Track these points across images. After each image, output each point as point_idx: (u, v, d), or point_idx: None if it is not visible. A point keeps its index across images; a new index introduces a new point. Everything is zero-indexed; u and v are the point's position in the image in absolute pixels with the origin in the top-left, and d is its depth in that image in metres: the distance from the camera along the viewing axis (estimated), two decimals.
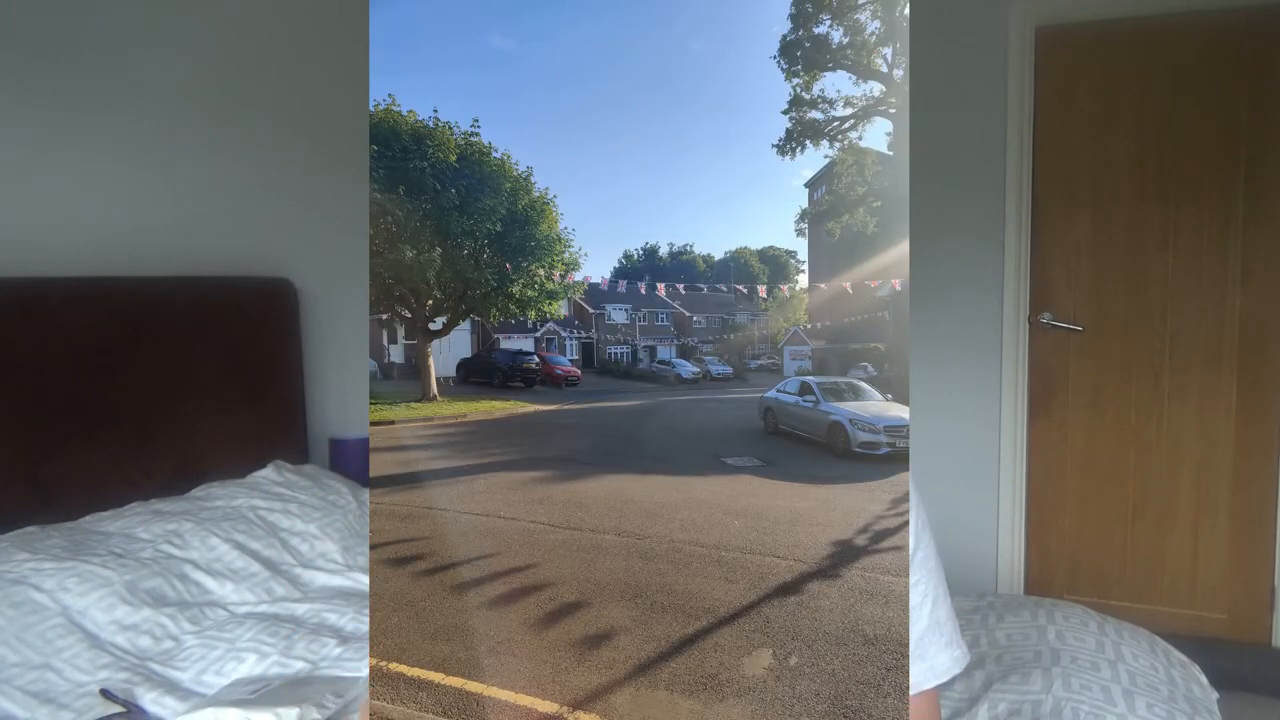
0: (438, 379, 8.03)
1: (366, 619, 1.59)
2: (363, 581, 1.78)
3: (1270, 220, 2.40)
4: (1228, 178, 2.43)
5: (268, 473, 2.01)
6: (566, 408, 7.87)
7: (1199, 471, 2.52)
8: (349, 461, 2.45)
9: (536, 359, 9.72)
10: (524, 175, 8.01)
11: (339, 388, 2.56)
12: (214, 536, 1.69)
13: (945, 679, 0.73)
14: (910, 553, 0.73)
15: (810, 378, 6.38)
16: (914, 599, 0.73)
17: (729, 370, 11.10)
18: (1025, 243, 2.60)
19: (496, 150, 7.82)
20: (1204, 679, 1.35)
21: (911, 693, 0.72)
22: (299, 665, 1.39)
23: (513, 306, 8.21)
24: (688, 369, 10.76)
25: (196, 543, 1.66)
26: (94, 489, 1.80)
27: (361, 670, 1.38)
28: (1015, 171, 2.59)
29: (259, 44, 2.33)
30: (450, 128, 7.37)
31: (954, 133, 2.65)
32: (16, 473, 1.73)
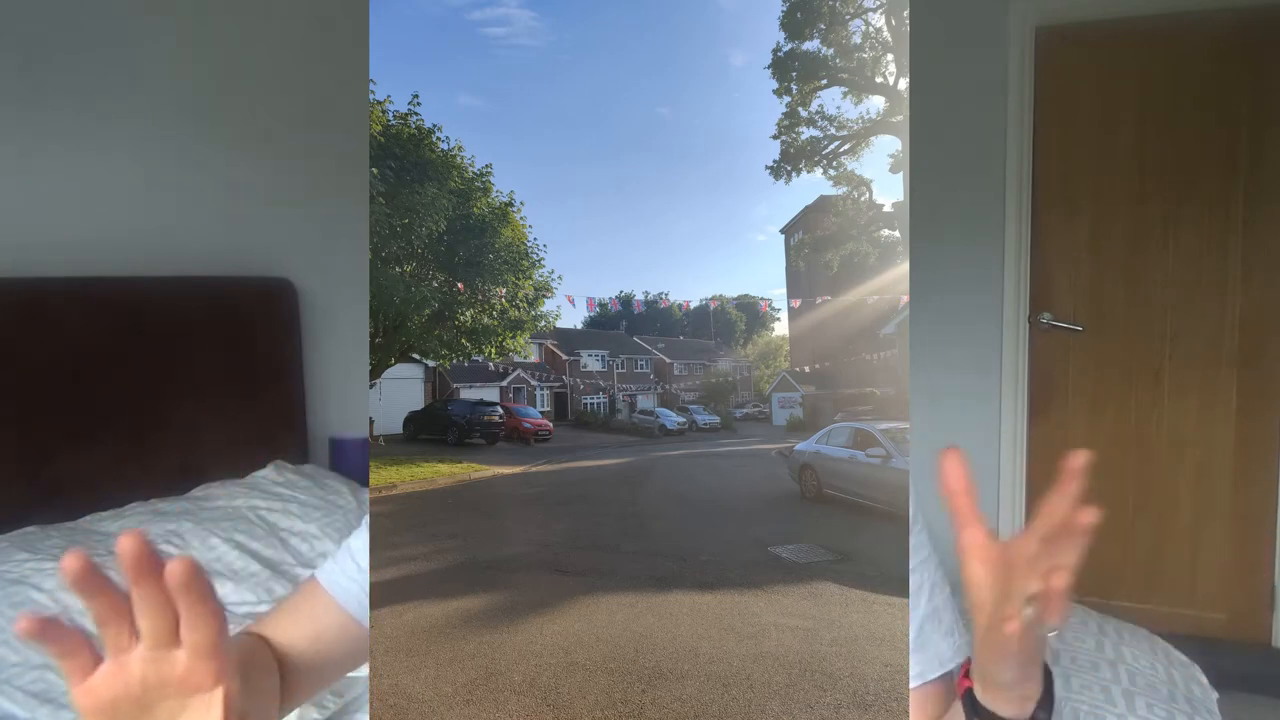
0: (372, 437, 6.08)
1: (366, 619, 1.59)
2: None
3: (1270, 220, 2.40)
4: (1228, 178, 2.43)
5: (268, 473, 2.01)
6: (535, 470, 6.08)
7: (1199, 471, 2.51)
8: (349, 461, 2.45)
9: (501, 410, 8.03)
10: (480, 173, 6.06)
11: (339, 388, 2.56)
12: (214, 536, 1.69)
13: (950, 667, 0.70)
14: (911, 542, 0.72)
15: (869, 424, 4.38)
16: (912, 586, 0.72)
17: (716, 420, 10.05)
18: (1025, 243, 2.60)
19: (443, 138, 5.77)
20: (1204, 679, 1.35)
21: (915, 684, 0.70)
22: None
23: (463, 341, 6.22)
24: (673, 419, 9.60)
25: (196, 543, 1.66)
26: (94, 489, 1.80)
27: (361, 670, 1.38)
28: (1015, 171, 2.58)
29: (258, 44, 2.33)
30: (375, 104, 5.52)
31: (954, 132, 2.65)
32: (16, 473, 1.73)
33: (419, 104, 5.94)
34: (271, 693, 0.67)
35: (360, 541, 0.75)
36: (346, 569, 0.74)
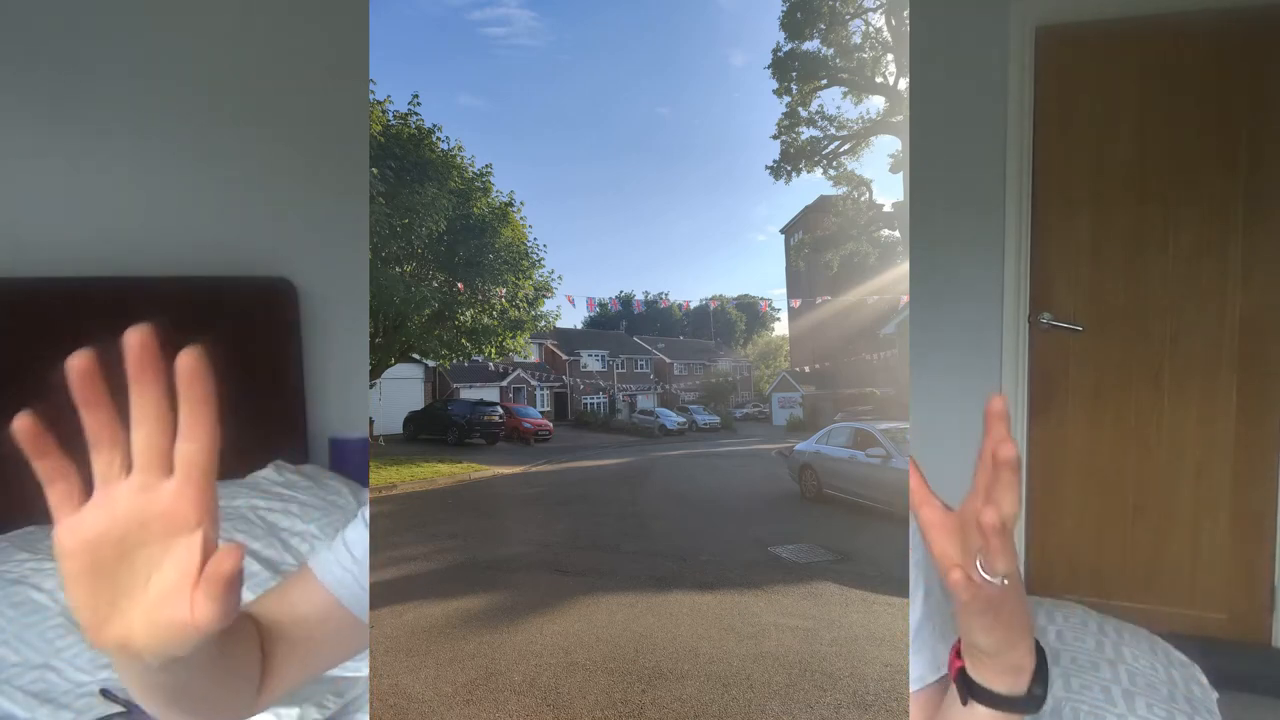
0: (372, 437, 6.16)
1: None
2: None
3: (1270, 220, 2.40)
4: (1228, 178, 2.43)
5: (268, 473, 2.01)
6: (535, 470, 6.11)
7: (1199, 471, 2.51)
8: (349, 461, 2.45)
9: (501, 410, 8.07)
10: (480, 173, 6.06)
11: (339, 388, 2.56)
12: None
13: (944, 671, 0.70)
14: (911, 541, 0.73)
15: (869, 424, 4.37)
16: (911, 586, 0.73)
17: (716, 419, 10.12)
18: (1025, 243, 2.60)
19: (443, 138, 5.79)
20: (1204, 679, 1.35)
21: (915, 688, 0.71)
22: None
23: (463, 341, 6.22)
24: (673, 419, 9.65)
25: None
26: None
27: (361, 670, 1.38)
28: (1015, 171, 2.58)
29: (259, 44, 2.33)
30: (375, 104, 5.54)
31: (954, 133, 2.64)
32: (17, 473, 1.73)
33: (419, 104, 6.05)
34: (248, 662, 0.66)
35: (356, 533, 0.75)
36: (340, 558, 0.74)
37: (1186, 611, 2.53)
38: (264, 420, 2.23)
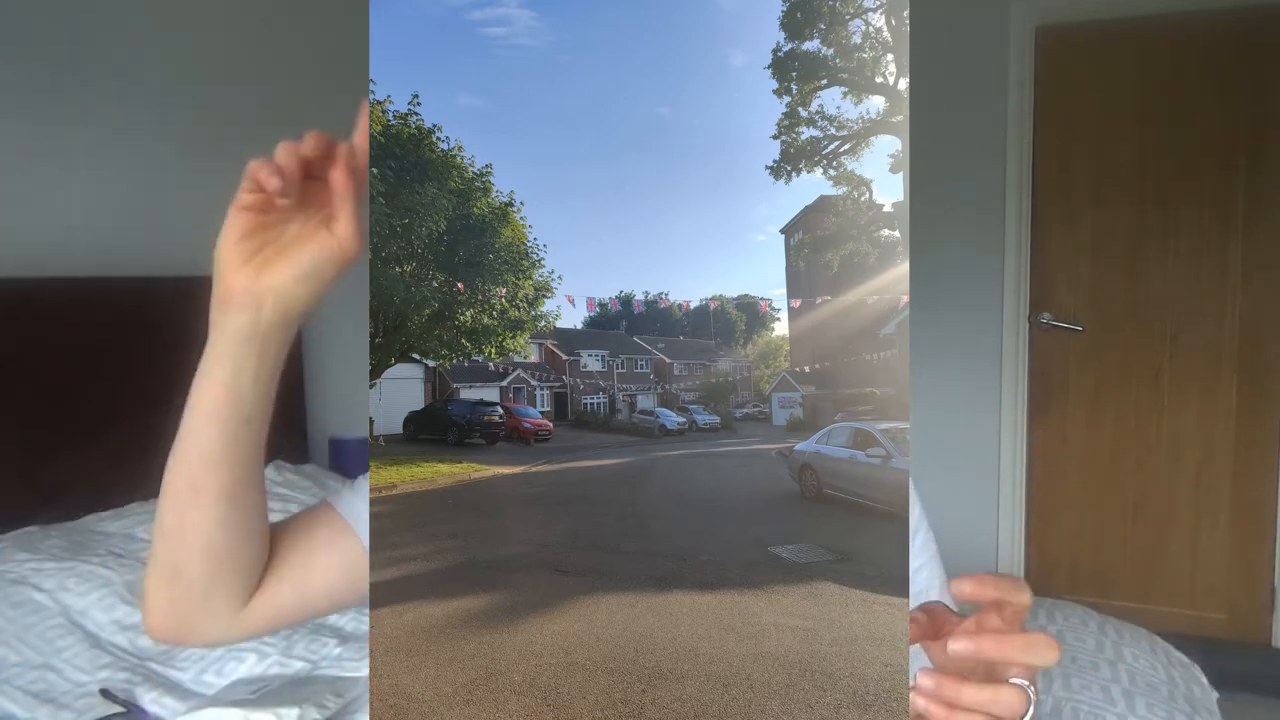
0: (372, 437, 6.21)
1: (366, 619, 1.59)
2: None
3: (1270, 220, 2.40)
4: (1228, 178, 2.43)
5: (268, 473, 2.00)
6: (535, 470, 6.14)
7: (1199, 471, 2.51)
8: (349, 461, 2.45)
9: (501, 410, 8.14)
10: (480, 173, 6.12)
11: (339, 388, 2.56)
12: None
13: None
14: (911, 537, 0.73)
15: (869, 424, 4.38)
16: (917, 585, 0.73)
17: (716, 420, 10.07)
18: (1025, 243, 2.60)
19: (443, 138, 5.83)
20: (1204, 679, 1.35)
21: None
22: (299, 665, 1.39)
23: (463, 341, 6.34)
24: (673, 419, 9.62)
25: None
26: (94, 489, 1.80)
27: (361, 670, 1.38)
28: (1015, 171, 2.58)
29: (258, 43, 2.34)
30: (375, 104, 5.55)
31: (954, 133, 2.64)
32: (16, 473, 1.73)
33: (419, 104, 6.01)
34: (263, 527, 0.71)
35: (364, 479, 0.78)
36: (360, 490, 0.77)
37: (1186, 611, 2.53)
38: None
